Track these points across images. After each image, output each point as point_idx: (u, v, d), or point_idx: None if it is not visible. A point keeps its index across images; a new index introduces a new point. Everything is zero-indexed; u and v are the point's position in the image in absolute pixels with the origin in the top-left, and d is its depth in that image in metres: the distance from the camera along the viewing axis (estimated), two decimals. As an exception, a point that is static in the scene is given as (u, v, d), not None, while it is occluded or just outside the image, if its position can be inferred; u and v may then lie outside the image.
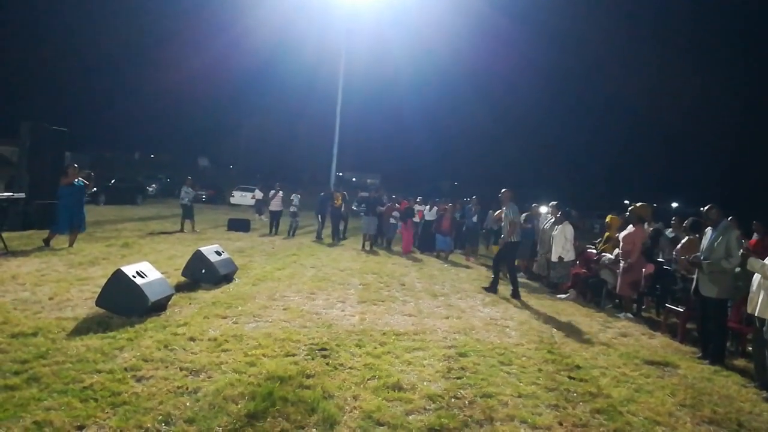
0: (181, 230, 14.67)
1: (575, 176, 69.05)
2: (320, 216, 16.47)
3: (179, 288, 7.00)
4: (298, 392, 3.88)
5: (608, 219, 10.01)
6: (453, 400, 4.02)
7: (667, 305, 7.19)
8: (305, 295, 7.40)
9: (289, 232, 16.31)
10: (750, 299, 5.19)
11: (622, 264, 7.83)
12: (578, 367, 5.06)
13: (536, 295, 9.12)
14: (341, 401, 3.83)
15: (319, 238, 15.76)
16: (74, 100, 55.80)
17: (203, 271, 7.52)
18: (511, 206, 9.14)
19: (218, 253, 7.93)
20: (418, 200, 16.93)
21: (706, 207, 5.99)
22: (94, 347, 4.47)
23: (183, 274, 7.64)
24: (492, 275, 9.42)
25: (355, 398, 3.90)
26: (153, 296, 5.63)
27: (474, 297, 8.40)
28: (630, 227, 7.96)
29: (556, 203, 10.50)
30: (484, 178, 59.71)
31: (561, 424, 3.76)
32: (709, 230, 5.95)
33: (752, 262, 5.17)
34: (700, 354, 5.88)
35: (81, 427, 3.17)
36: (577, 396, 4.32)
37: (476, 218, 14.77)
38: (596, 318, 7.52)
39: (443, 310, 7.22)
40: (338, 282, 8.68)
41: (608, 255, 8.71)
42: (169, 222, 16.63)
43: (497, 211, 11.62)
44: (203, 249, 7.73)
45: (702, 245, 5.99)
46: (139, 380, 3.90)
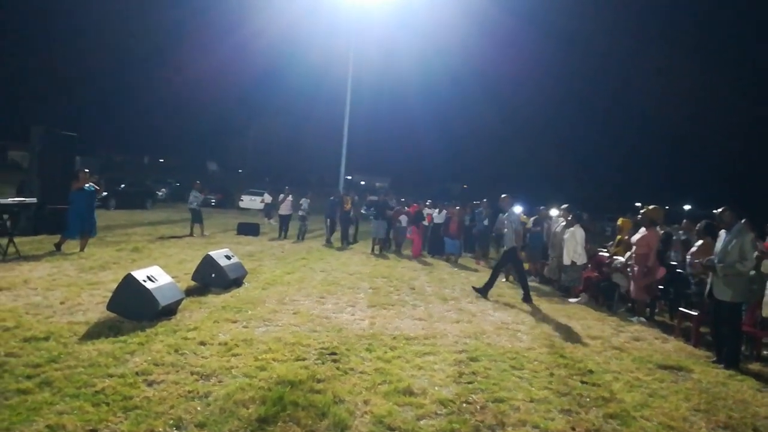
0: (191, 234, 14.71)
1: (586, 178, 68.76)
2: (330, 220, 16.44)
3: (189, 292, 7.02)
4: (309, 397, 3.87)
5: (620, 222, 9.94)
6: (464, 405, 3.99)
7: (681, 309, 7.11)
8: (315, 299, 7.39)
9: (299, 236, 16.34)
10: (765, 302, 5.15)
11: (636, 268, 7.75)
12: (591, 372, 5.01)
13: (548, 299, 9.07)
14: (352, 406, 3.81)
15: (329, 243, 15.76)
16: (84, 105, 56.42)
17: (213, 276, 7.53)
18: (511, 212, 9.07)
19: (228, 258, 7.94)
20: (428, 203, 16.89)
21: (720, 209, 5.92)
22: (106, 351, 4.48)
23: (193, 279, 7.65)
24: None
25: (366, 403, 3.88)
26: (163, 301, 5.64)
27: (484, 301, 8.36)
28: (642, 230, 7.88)
29: (567, 206, 10.43)
30: (494, 181, 59.61)
31: (574, 429, 3.73)
32: (723, 233, 5.89)
33: (767, 265, 5.11)
34: (715, 358, 5.80)
35: (93, 431, 3.17)
36: (590, 401, 4.28)
37: (487, 221, 14.70)
38: (608, 322, 7.45)
39: (454, 315, 7.18)
40: (348, 286, 8.67)
41: (620, 258, 8.64)
42: (179, 226, 16.70)
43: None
44: (213, 253, 7.74)
45: (716, 248, 5.93)
46: (151, 384, 3.90)
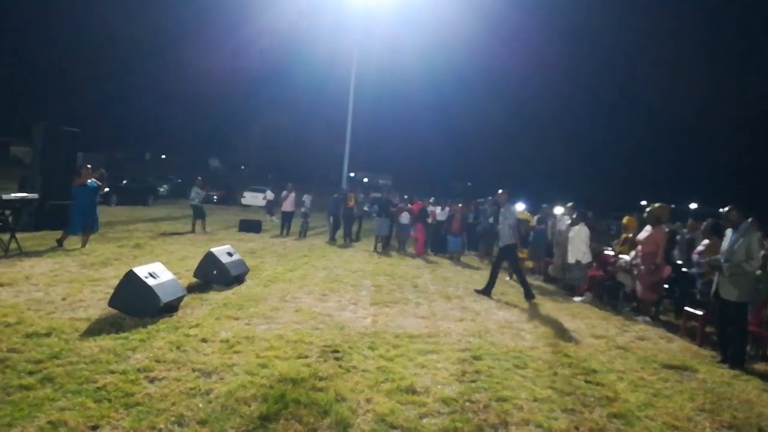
0: (192, 231, 14.71)
1: (591, 173, 68.47)
2: (333, 217, 16.39)
3: (191, 289, 7.01)
4: (311, 394, 3.85)
5: (625, 220, 9.89)
6: (467, 404, 3.96)
7: (686, 308, 7.07)
8: (317, 297, 7.37)
9: (301, 233, 16.32)
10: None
11: (643, 267, 7.69)
12: (595, 371, 4.98)
13: (552, 298, 9.03)
14: (354, 404, 3.78)
15: (333, 240, 15.73)
16: (85, 101, 56.41)
17: (215, 272, 7.51)
18: (509, 208, 9.02)
19: (230, 254, 7.92)
20: (431, 201, 16.85)
21: (726, 208, 5.88)
22: (107, 348, 4.46)
23: (195, 275, 7.63)
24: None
25: (368, 401, 3.85)
26: (165, 297, 5.62)
27: (488, 300, 8.33)
28: (648, 229, 7.82)
29: (572, 204, 10.39)
30: (499, 178, 59.48)
31: (577, 429, 3.70)
32: (729, 232, 5.85)
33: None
34: (720, 358, 5.77)
35: (95, 428, 3.15)
36: (594, 400, 4.25)
37: (492, 219, 14.64)
38: (613, 321, 7.42)
39: (457, 313, 7.15)
40: (350, 284, 8.65)
41: (625, 257, 8.60)
42: (180, 223, 16.70)
43: None
44: (215, 250, 7.72)
45: (722, 247, 5.89)
46: (152, 381, 3.88)
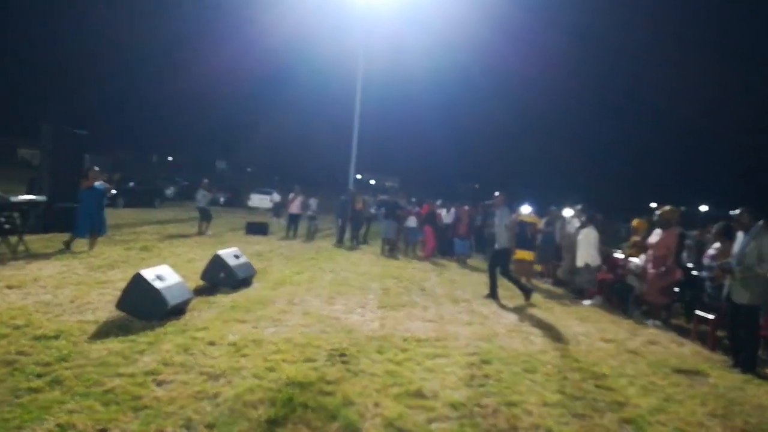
0: (199, 233, 14.75)
1: (598, 176, 68.09)
2: (341, 220, 16.36)
3: (198, 292, 7.00)
4: (319, 398, 3.83)
5: (634, 223, 9.81)
6: (476, 409, 3.94)
7: (697, 312, 7.00)
8: (324, 300, 7.35)
9: (308, 236, 16.31)
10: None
11: (653, 270, 7.62)
12: (605, 376, 4.95)
13: (561, 301, 8.98)
14: (362, 408, 3.77)
15: (340, 243, 15.72)
16: (92, 103, 56.72)
17: (222, 275, 7.51)
18: (505, 210, 8.95)
19: (237, 257, 7.91)
20: (438, 203, 16.80)
21: (737, 211, 5.83)
22: (115, 350, 4.46)
23: (202, 278, 7.63)
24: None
25: (377, 405, 3.83)
26: (172, 300, 5.62)
27: (496, 303, 8.28)
28: (659, 231, 7.76)
29: (581, 207, 10.32)
30: (506, 180, 59.24)
31: (589, 435, 3.67)
32: (741, 235, 5.79)
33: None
34: (731, 362, 5.72)
35: (103, 430, 3.16)
36: (604, 405, 4.22)
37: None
38: (623, 325, 7.36)
39: (465, 316, 7.12)
40: (358, 287, 8.62)
41: (635, 260, 8.54)
42: (187, 225, 16.74)
43: (515, 215, 11.48)
44: (222, 253, 7.72)
45: (733, 250, 5.84)
46: (160, 384, 3.87)
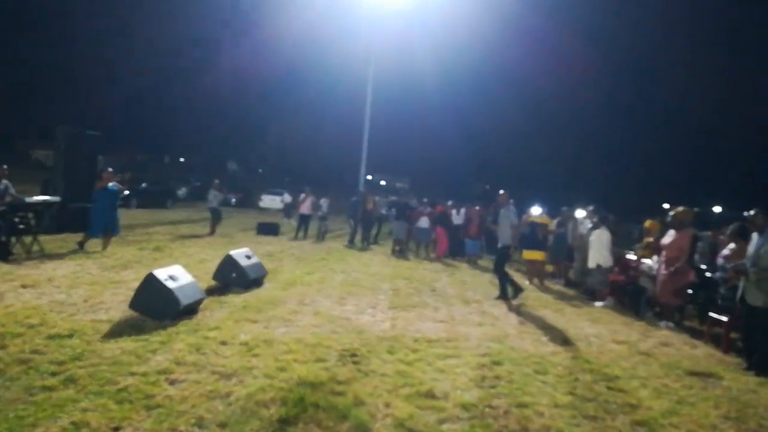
0: (211, 233, 14.84)
1: (609, 176, 67.47)
2: (352, 220, 16.39)
3: (210, 292, 7.05)
4: (330, 398, 3.84)
5: (647, 224, 9.73)
6: (487, 410, 3.93)
7: (711, 314, 6.94)
8: (335, 300, 7.37)
9: (319, 236, 16.36)
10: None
11: (665, 271, 7.56)
12: (617, 377, 4.91)
13: (572, 303, 8.92)
14: (373, 408, 3.77)
15: (352, 243, 15.73)
16: (105, 105, 57.23)
17: (234, 275, 7.55)
18: (509, 209, 8.90)
19: (248, 257, 7.96)
20: (449, 204, 16.77)
21: (752, 212, 5.78)
22: (129, 350, 4.51)
23: (214, 278, 7.68)
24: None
25: (387, 405, 3.84)
26: (185, 300, 5.66)
27: (508, 303, 8.25)
28: (672, 233, 7.69)
29: (593, 207, 10.27)
30: (518, 180, 58.96)
31: (600, 437, 3.65)
32: (755, 236, 5.74)
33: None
34: (745, 365, 5.64)
35: (117, 429, 3.19)
36: (616, 407, 4.19)
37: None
38: (635, 327, 7.30)
39: (476, 317, 7.10)
40: (368, 287, 8.63)
41: (647, 261, 8.47)
42: (199, 225, 16.84)
43: (526, 216, 11.44)
44: (234, 253, 7.76)
45: (748, 252, 5.78)
46: (173, 383, 3.91)
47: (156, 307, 5.52)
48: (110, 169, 10.63)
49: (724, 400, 4.57)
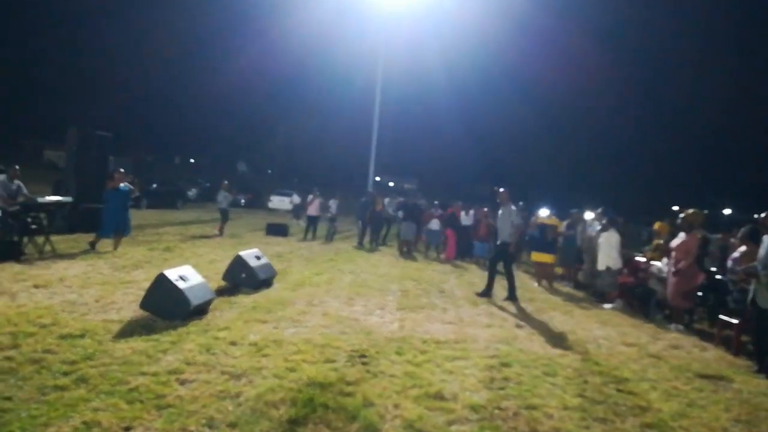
0: (221, 234, 14.91)
1: (620, 178, 67.08)
2: (361, 222, 16.40)
3: (219, 292, 7.09)
4: (339, 399, 3.85)
5: (656, 226, 9.69)
6: (496, 411, 3.92)
7: (721, 316, 6.89)
8: (344, 301, 7.39)
9: (327, 237, 16.39)
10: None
11: (674, 273, 7.51)
12: (626, 380, 4.89)
13: (582, 305, 8.89)
14: (382, 409, 3.78)
15: (361, 245, 15.75)
16: (117, 106, 57.62)
17: (243, 276, 7.59)
18: (509, 207, 8.89)
19: (258, 258, 7.99)
20: (459, 205, 16.76)
21: (763, 214, 5.74)
22: (139, 350, 4.54)
23: (224, 279, 7.72)
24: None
25: (396, 407, 3.84)
26: (195, 300, 5.69)
27: (516, 305, 8.23)
28: (682, 235, 7.66)
29: (602, 209, 10.23)
30: (526, 181, 58.70)
31: (610, 439, 3.64)
32: (766, 238, 5.70)
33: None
34: (756, 368, 5.60)
35: (128, 428, 3.21)
36: (626, 410, 4.17)
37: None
38: (645, 329, 7.27)
39: (485, 319, 7.09)
40: (377, 288, 8.64)
41: (657, 263, 8.43)
42: (209, 226, 16.93)
43: (534, 218, 11.41)
44: (243, 254, 7.80)
45: (759, 254, 5.74)
46: (183, 383, 3.93)
47: (166, 308, 5.56)
48: (122, 170, 10.71)
49: (735, 403, 4.54)
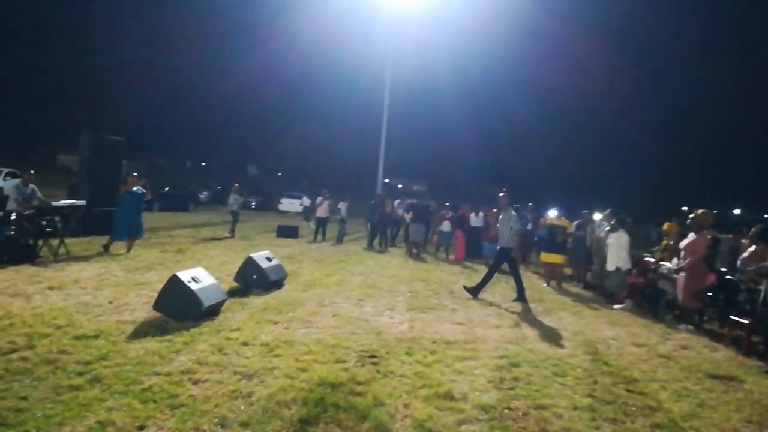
0: (232, 236, 15.02)
1: (628, 178, 66.63)
2: (371, 224, 16.46)
3: (231, 293, 7.15)
4: (350, 399, 3.88)
5: (666, 226, 9.67)
6: (506, 411, 3.94)
7: (731, 317, 6.86)
8: (354, 302, 7.42)
9: (337, 239, 16.45)
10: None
11: (683, 273, 7.49)
12: (636, 380, 4.88)
13: (591, 306, 8.86)
14: (392, 409, 3.80)
15: (371, 246, 15.80)
16: (128, 110, 58.24)
17: (254, 277, 7.65)
18: (509, 211, 8.88)
19: (269, 260, 8.05)
20: (468, 207, 16.74)
21: None
22: (153, 350, 4.60)
23: (235, 280, 7.79)
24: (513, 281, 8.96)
25: (406, 406, 3.87)
26: (207, 301, 5.75)
27: (525, 306, 8.22)
28: (691, 235, 7.63)
29: (611, 210, 10.20)
30: (535, 182, 58.51)
31: (620, 439, 3.64)
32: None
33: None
34: (767, 368, 5.58)
35: (141, 428, 3.25)
36: (636, 410, 4.17)
37: (530, 225, 14.45)
38: (654, 329, 7.24)
39: (494, 319, 7.10)
40: (386, 289, 8.67)
41: (666, 264, 8.39)
42: (220, 228, 17.04)
43: (543, 219, 11.40)
44: (255, 255, 7.86)
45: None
46: (196, 383, 3.98)
47: (179, 309, 5.62)
48: (134, 174, 10.83)
49: (746, 404, 4.52)
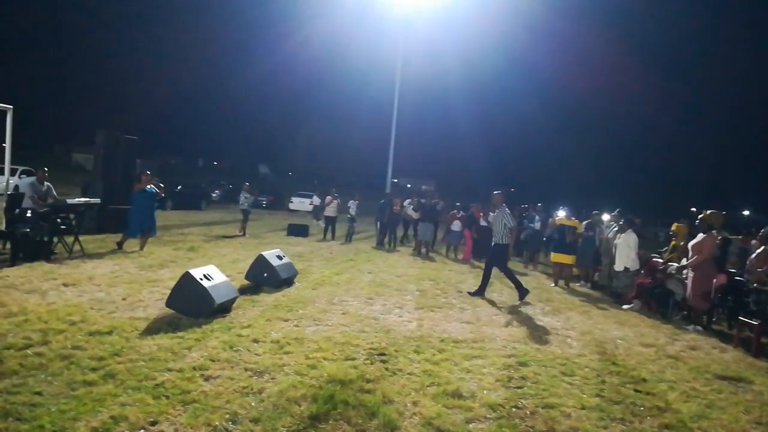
0: (243, 234, 15.12)
1: (636, 178, 66.17)
2: (380, 223, 16.50)
3: (242, 291, 7.22)
4: (359, 396, 3.92)
5: (674, 227, 9.61)
6: (514, 410, 3.96)
7: (741, 318, 6.83)
8: (363, 300, 7.47)
9: (347, 238, 16.51)
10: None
11: (692, 274, 7.47)
12: (644, 380, 4.88)
13: (599, 305, 8.85)
14: (401, 407, 3.84)
15: (381, 245, 15.85)
16: (142, 110, 58.74)
17: (265, 275, 7.72)
18: (503, 210, 8.88)
19: (280, 258, 8.12)
20: (478, 206, 16.73)
21: None
22: (165, 346, 4.66)
23: (246, 278, 7.86)
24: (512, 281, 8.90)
25: (415, 404, 3.90)
26: (219, 298, 5.82)
27: (534, 305, 8.25)
28: (700, 236, 7.60)
29: (619, 211, 10.18)
30: (543, 182, 58.23)
31: (627, 439, 3.65)
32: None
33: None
34: (777, 370, 5.56)
35: (154, 423, 3.29)
36: (644, 410, 4.18)
37: (539, 225, 14.44)
38: (663, 330, 7.23)
39: (502, 318, 7.13)
40: (395, 288, 8.71)
41: (675, 264, 8.36)
42: (232, 227, 17.15)
43: (552, 219, 11.38)
44: (265, 253, 7.93)
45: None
46: (207, 379, 4.03)
47: (191, 306, 5.69)
48: (148, 172, 10.93)
49: (755, 405, 4.51)
